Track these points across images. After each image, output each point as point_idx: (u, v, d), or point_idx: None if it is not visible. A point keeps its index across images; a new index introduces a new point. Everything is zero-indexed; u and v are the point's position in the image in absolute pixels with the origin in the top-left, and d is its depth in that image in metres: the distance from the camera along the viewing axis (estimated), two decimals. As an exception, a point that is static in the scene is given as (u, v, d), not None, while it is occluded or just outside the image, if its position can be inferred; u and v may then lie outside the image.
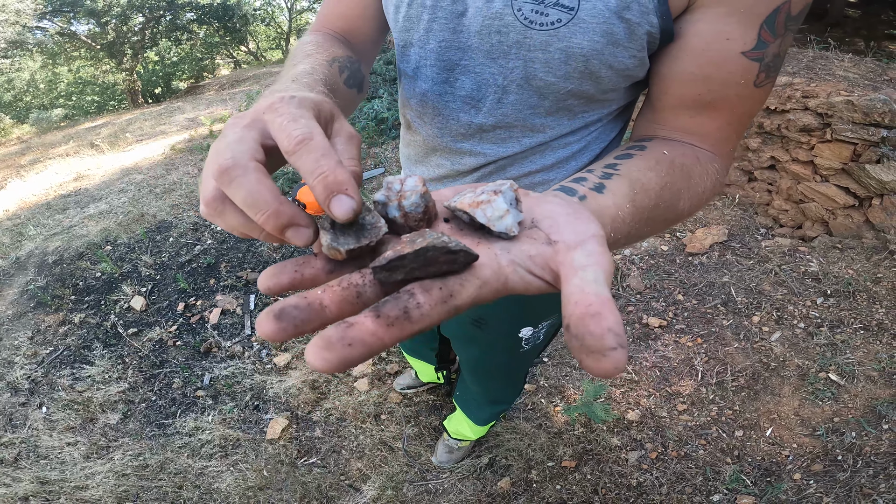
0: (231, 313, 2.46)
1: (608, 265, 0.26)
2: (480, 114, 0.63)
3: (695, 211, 0.52)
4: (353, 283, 0.27)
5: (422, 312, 0.25)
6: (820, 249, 2.34)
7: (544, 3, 0.50)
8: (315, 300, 0.25)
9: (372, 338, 0.23)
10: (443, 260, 0.26)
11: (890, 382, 1.75)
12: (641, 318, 2.16)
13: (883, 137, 2.17)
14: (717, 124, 0.54)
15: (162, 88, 11.75)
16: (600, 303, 0.23)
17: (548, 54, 0.53)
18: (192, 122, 5.96)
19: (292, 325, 0.24)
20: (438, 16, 0.58)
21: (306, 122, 0.30)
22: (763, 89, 0.52)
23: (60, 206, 3.93)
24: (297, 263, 0.29)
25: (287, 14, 15.49)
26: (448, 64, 0.61)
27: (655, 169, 0.47)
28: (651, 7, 0.49)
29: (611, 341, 0.22)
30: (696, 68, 0.51)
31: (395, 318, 0.24)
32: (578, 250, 0.27)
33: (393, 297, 0.25)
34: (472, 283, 0.26)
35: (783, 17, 0.47)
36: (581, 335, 0.23)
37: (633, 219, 0.42)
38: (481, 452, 1.74)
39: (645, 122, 0.58)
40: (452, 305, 0.26)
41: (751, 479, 1.56)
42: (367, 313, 0.24)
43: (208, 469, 1.78)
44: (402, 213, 0.30)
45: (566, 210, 0.31)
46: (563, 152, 0.66)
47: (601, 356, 0.22)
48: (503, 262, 0.28)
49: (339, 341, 0.23)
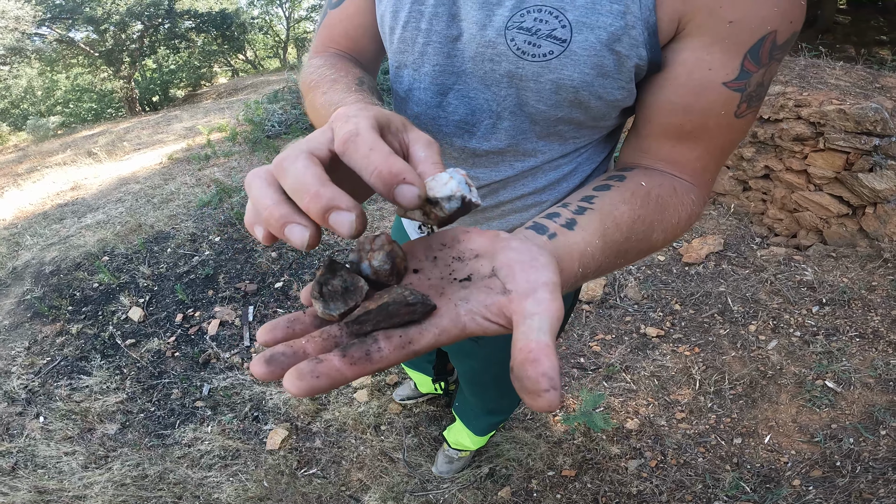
0: (229, 324, 2.46)
1: (556, 312, 0.29)
2: (474, 138, 0.62)
3: (669, 242, 0.53)
4: (332, 334, 0.31)
5: (382, 355, 0.29)
6: (815, 258, 2.37)
7: (538, 34, 0.50)
8: (300, 349, 0.30)
9: (336, 373, 0.28)
10: (403, 312, 0.30)
11: (886, 389, 1.77)
12: (639, 328, 2.18)
13: (875, 146, 2.20)
14: (697, 154, 0.54)
15: (159, 96, 11.76)
16: (539, 349, 0.26)
17: (539, 84, 0.54)
18: (189, 130, 5.96)
19: (279, 368, 0.28)
20: (433, 39, 0.58)
21: (356, 122, 0.32)
22: (744, 120, 0.52)
23: (57, 216, 3.92)
24: (289, 321, 0.33)
25: (285, 23, 15.57)
26: (442, 88, 0.60)
27: (630, 202, 0.48)
28: (641, 40, 0.49)
29: (544, 384, 0.25)
30: (678, 98, 0.51)
31: (357, 358, 0.29)
32: (530, 299, 0.30)
33: (359, 341, 0.30)
34: (431, 332, 0.30)
35: (768, 46, 0.47)
36: (521, 377, 0.26)
37: (603, 253, 0.44)
38: (481, 462, 1.74)
39: (629, 149, 0.59)
40: (411, 350, 0.30)
41: (750, 485, 1.56)
42: (336, 352, 0.29)
43: (208, 479, 1.77)
44: (373, 270, 0.34)
45: (524, 258, 0.33)
46: (553, 175, 0.66)
47: (537, 396, 0.25)
48: (461, 312, 0.31)
49: (310, 373, 0.27)
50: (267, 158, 4.17)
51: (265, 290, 2.64)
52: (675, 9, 0.47)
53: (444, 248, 0.37)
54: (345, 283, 0.33)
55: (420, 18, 0.58)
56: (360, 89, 0.54)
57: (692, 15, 0.47)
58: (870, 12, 6.80)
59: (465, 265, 0.35)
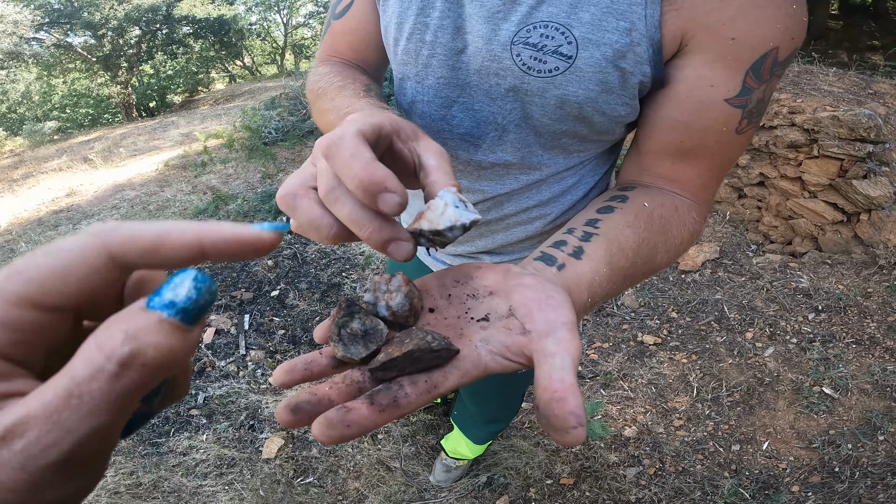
0: (225, 333, 2.45)
1: (575, 350, 0.30)
2: (479, 151, 0.62)
3: (672, 261, 0.53)
4: (355, 379, 0.31)
5: (409, 400, 0.29)
6: (810, 265, 2.38)
7: (544, 50, 0.50)
8: (324, 396, 0.30)
9: (366, 421, 0.28)
10: (428, 358, 0.30)
11: (884, 394, 1.77)
12: (636, 336, 2.18)
13: (869, 153, 2.21)
14: (697, 171, 0.54)
15: (157, 102, 11.76)
16: (564, 388, 0.27)
17: (544, 99, 0.54)
18: (186, 137, 5.96)
19: (307, 416, 0.29)
20: (437, 52, 0.57)
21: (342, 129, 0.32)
22: (745, 135, 0.52)
23: (52, 223, 3.90)
24: (306, 362, 0.32)
25: (283, 29, 15.63)
26: (446, 101, 0.60)
27: (634, 225, 0.48)
28: (645, 57, 0.49)
29: (572, 421, 0.26)
30: (678, 114, 0.51)
31: (386, 406, 0.29)
32: (549, 338, 0.30)
33: (385, 387, 0.30)
34: (454, 375, 0.31)
35: (770, 63, 0.47)
36: (548, 416, 0.27)
37: (609, 280, 0.44)
38: (479, 471, 1.73)
39: (630, 166, 0.59)
40: (436, 393, 0.30)
41: (749, 492, 1.56)
42: (363, 400, 0.29)
43: (203, 488, 1.75)
44: (391, 312, 0.33)
45: (539, 296, 0.34)
46: (557, 187, 0.66)
47: (565, 433, 0.26)
48: (482, 353, 0.32)
49: (340, 423, 0.27)
50: (263, 165, 4.16)
51: (261, 299, 2.63)
52: (678, 26, 0.47)
53: (457, 284, 0.37)
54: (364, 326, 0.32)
55: (425, 30, 0.57)
56: (367, 94, 0.54)
57: (695, 32, 0.47)
58: (861, 18, 6.87)
59: (481, 303, 0.35)
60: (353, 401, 0.29)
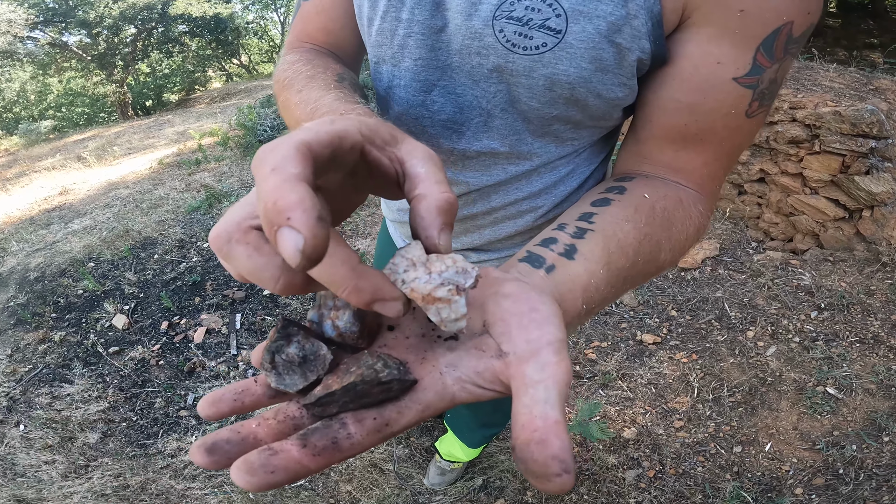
0: (216, 332, 2.41)
1: (563, 377, 0.24)
2: (463, 139, 0.56)
3: (677, 260, 0.47)
4: (290, 415, 0.26)
5: (352, 442, 0.24)
6: (812, 262, 2.34)
7: (529, 24, 0.45)
8: (249, 434, 0.25)
9: (296, 466, 0.23)
10: (375, 392, 0.25)
11: (888, 394, 1.74)
12: (635, 335, 2.14)
13: (871, 148, 2.18)
14: (703, 159, 0.49)
15: (153, 101, 11.71)
16: (546, 427, 0.22)
17: (531, 80, 0.48)
18: (181, 135, 5.92)
19: (225, 458, 0.24)
20: (414, 30, 0.51)
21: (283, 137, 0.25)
22: (755, 119, 0.47)
23: (44, 222, 3.86)
24: (236, 392, 0.27)
25: (280, 27, 15.59)
26: (425, 85, 0.54)
27: (633, 219, 0.43)
28: (644, 31, 0.44)
29: (555, 468, 0.21)
30: (682, 95, 0.46)
31: (322, 449, 0.24)
32: (531, 363, 0.25)
33: (323, 425, 0.25)
34: (412, 410, 0.26)
35: (783, 38, 0.42)
36: (525, 460, 0.22)
37: (607, 284, 0.39)
38: (475, 474, 1.70)
39: (627, 155, 0.53)
40: (388, 433, 0.25)
41: (751, 495, 1.53)
42: (293, 440, 0.24)
43: (191, 491, 1.72)
44: (338, 332, 0.28)
45: (521, 308, 0.28)
46: (549, 177, 0.61)
47: (546, 480, 0.22)
48: (448, 381, 0.27)
49: (261, 468, 0.22)
50: (259, 162, 4.13)
51: (253, 298, 2.59)
52: None
53: None
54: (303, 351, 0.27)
55: (401, 7, 0.51)
56: (339, 86, 0.49)
57: (699, 2, 0.42)
58: (859, 16, 6.86)
59: None
60: (282, 441, 0.24)
